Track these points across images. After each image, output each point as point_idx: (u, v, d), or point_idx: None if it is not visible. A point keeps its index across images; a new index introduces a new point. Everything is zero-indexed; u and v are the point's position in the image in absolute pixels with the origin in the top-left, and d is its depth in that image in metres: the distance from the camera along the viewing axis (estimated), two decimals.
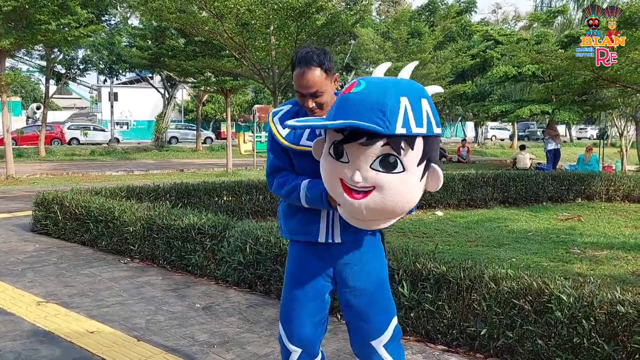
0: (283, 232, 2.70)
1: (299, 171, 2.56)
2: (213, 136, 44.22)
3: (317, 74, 2.42)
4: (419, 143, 2.15)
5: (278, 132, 2.54)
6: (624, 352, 3.21)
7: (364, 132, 2.07)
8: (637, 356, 3.15)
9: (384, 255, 2.68)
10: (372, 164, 2.12)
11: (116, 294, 5.15)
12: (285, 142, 2.52)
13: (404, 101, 2.13)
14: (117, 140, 38.36)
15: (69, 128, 38.82)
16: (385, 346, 2.56)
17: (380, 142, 2.09)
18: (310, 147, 2.45)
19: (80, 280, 5.56)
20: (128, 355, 3.75)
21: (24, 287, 5.30)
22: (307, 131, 2.50)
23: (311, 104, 2.46)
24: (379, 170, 2.13)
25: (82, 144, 36.56)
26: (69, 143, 36.27)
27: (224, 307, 4.80)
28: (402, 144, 2.10)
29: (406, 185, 2.17)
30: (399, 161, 2.12)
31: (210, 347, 3.93)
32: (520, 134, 50.47)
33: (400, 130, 2.08)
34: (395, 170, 2.13)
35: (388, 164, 2.12)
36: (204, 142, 38.42)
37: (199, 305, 4.84)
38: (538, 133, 49.24)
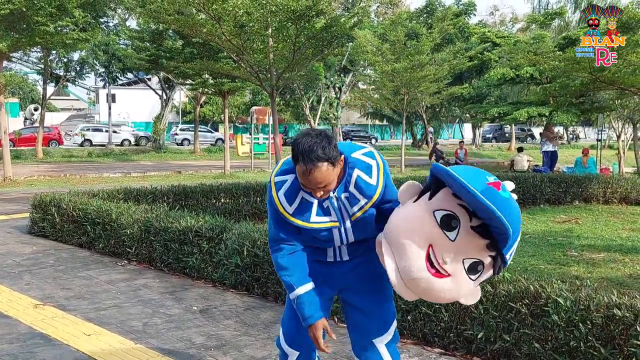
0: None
1: (305, 239, 2.52)
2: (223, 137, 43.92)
3: (323, 169, 2.26)
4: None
5: (285, 209, 2.41)
6: (621, 356, 3.22)
7: (489, 234, 2.14)
8: (633, 359, 3.15)
9: None
10: (465, 259, 2.17)
11: (113, 296, 5.15)
12: (295, 220, 2.42)
13: (518, 238, 2.30)
14: (129, 142, 38.48)
15: (81, 130, 38.96)
16: (386, 345, 2.61)
17: (491, 253, 2.20)
18: (321, 223, 2.41)
19: (78, 283, 5.56)
20: (125, 358, 3.74)
21: (21, 290, 5.29)
22: (315, 207, 2.41)
23: (319, 193, 2.36)
24: (464, 268, 2.19)
25: (95, 145, 36.64)
26: (81, 145, 36.46)
27: (221, 310, 4.80)
28: (498, 267, 2.24)
29: (466, 289, 2.27)
30: (480, 274, 2.24)
31: (207, 350, 3.93)
32: (488, 135, 50.27)
33: (508, 257, 2.25)
34: (472, 276, 2.23)
35: (475, 269, 2.22)
36: (214, 144, 38.37)
37: (196, 308, 4.84)
38: (507, 135, 48.98)
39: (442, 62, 24.18)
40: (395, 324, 2.66)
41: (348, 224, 2.47)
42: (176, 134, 41.88)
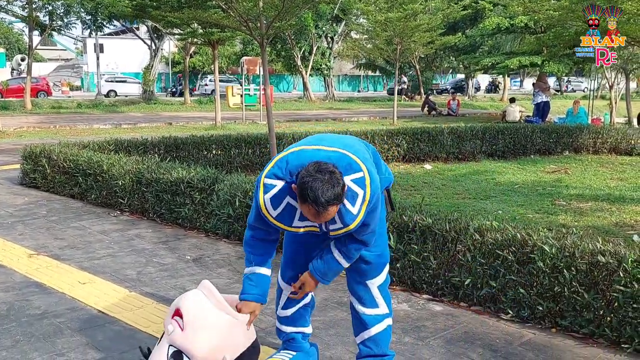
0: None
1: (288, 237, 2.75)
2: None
3: (333, 211, 2.29)
4: None
5: (268, 213, 2.43)
6: (603, 300, 3.31)
7: None
8: (615, 304, 3.25)
9: (389, 204, 2.86)
10: None
11: (107, 246, 5.20)
12: (277, 223, 2.46)
13: None
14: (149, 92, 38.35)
15: (106, 81, 38.76)
16: (379, 287, 2.75)
17: None
18: (301, 227, 2.48)
19: (71, 233, 5.60)
20: (119, 305, 3.82)
21: (15, 240, 5.34)
22: (299, 213, 2.42)
23: (322, 224, 2.45)
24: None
25: (119, 95, 37.05)
26: (107, 95, 36.72)
27: (214, 259, 4.87)
28: None
29: None
30: None
31: None
32: (448, 86, 49.20)
33: None
34: None
35: None
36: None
37: (189, 257, 4.91)
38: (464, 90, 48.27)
39: (435, 11, 23.87)
40: (387, 267, 2.79)
41: (327, 236, 2.56)
42: (206, 85, 41.19)
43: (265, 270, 2.65)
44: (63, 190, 7.34)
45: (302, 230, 2.50)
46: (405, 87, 40.26)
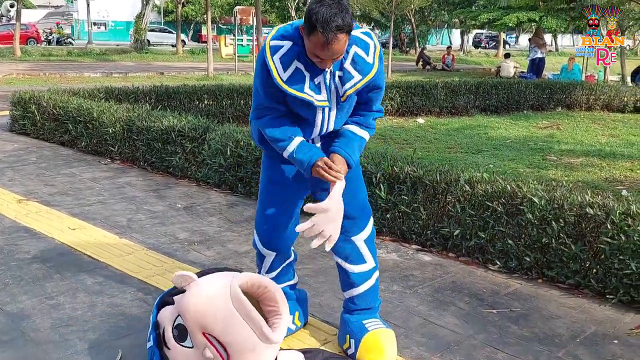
0: (259, 144, 2.65)
1: (290, 111, 2.45)
2: (186, 39, 42.54)
3: (343, 40, 2.18)
4: None
5: (279, 75, 2.29)
6: (590, 252, 3.35)
7: None
8: (602, 256, 3.28)
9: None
10: None
11: (97, 193, 5.19)
12: (287, 88, 2.30)
13: None
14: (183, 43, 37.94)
15: (150, 30, 38.26)
16: (365, 241, 2.66)
17: None
18: (312, 96, 2.33)
19: (61, 180, 5.58)
20: (109, 250, 3.83)
21: (4, 186, 5.31)
22: (308, 81, 2.33)
23: (329, 64, 2.28)
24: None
25: (152, 44, 36.71)
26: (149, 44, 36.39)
27: (205, 208, 4.87)
28: None
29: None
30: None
31: (191, 244, 4.02)
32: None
33: None
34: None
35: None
36: (174, 46, 37.66)
37: (179, 206, 4.91)
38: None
39: None
40: (372, 220, 2.70)
41: (334, 108, 2.43)
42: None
43: (301, 137, 2.43)
44: (53, 137, 7.28)
45: (312, 99, 2.33)
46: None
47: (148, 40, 38.20)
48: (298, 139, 2.41)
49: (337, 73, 2.36)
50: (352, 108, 2.52)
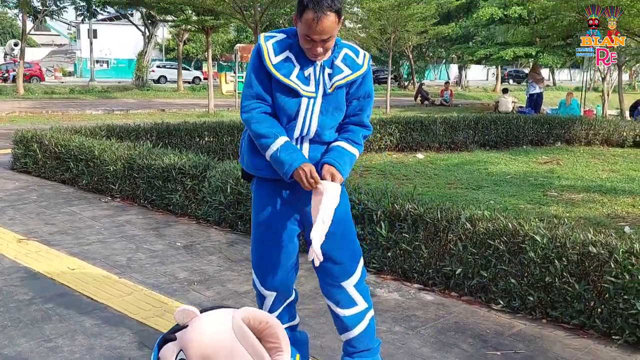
0: (245, 165, 2.61)
1: (275, 106, 2.47)
2: (201, 75, 43.33)
3: (332, 19, 2.29)
4: None
5: (269, 57, 2.39)
6: (594, 291, 3.32)
7: None
8: (606, 295, 3.25)
9: (347, 198, 2.65)
10: None
11: (97, 232, 5.17)
12: (275, 72, 2.39)
13: None
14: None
15: (157, 66, 40.29)
16: (355, 286, 2.62)
17: None
18: (298, 85, 2.40)
19: (61, 219, 5.56)
20: (109, 291, 3.79)
21: (5, 225, 5.29)
22: (297, 70, 2.41)
23: (320, 49, 2.35)
24: None
25: (169, 81, 38.39)
26: (157, 81, 38.44)
27: (205, 246, 4.85)
28: None
29: None
30: None
31: (191, 284, 3.99)
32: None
33: None
34: None
35: None
36: (192, 82, 38.35)
37: (179, 244, 4.88)
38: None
39: (429, 0, 23.80)
40: (361, 261, 2.65)
41: (319, 101, 2.46)
42: (153, 71, 41.50)
43: (285, 138, 2.43)
44: (54, 176, 7.29)
45: (298, 88, 2.40)
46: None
47: (165, 77, 39.18)
48: (283, 138, 2.41)
49: (327, 70, 2.45)
50: (339, 113, 2.53)
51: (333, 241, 2.51)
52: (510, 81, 49.30)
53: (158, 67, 42.12)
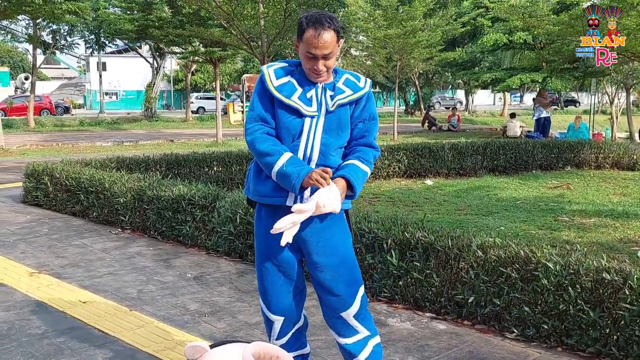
0: (249, 192, 2.65)
1: (279, 127, 2.54)
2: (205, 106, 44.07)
3: (332, 34, 2.43)
4: None
5: (270, 81, 2.52)
6: (609, 319, 3.28)
7: None
8: (622, 322, 3.21)
9: (349, 229, 2.67)
10: None
11: (108, 264, 5.17)
12: (277, 93, 2.50)
13: None
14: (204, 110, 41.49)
15: (196, 98, 41.79)
16: (355, 317, 2.61)
17: None
18: (300, 105, 2.49)
19: (72, 251, 5.58)
20: (120, 324, 3.78)
21: (16, 258, 5.31)
22: (299, 92, 2.51)
23: (321, 66, 2.46)
24: None
25: (208, 111, 39.93)
26: (196, 112, 39.84)
27: (215, 277, 4.84)
28: None
29: None
30: None
31: (202, 316, 3.97)
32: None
33: None
34: None
35: None
36: (196, 112, 39.14)
37: (190, 275, 4.88)
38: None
39: (434, 28, 23.97)
40: (361, 291, 2.63)
41: (322, 120, 2.52)
42: (192, 102, 41.98)
43: (289, 154, 2.47)
44: (65, 208, 7.33)
45: (299, 108, 2.49)
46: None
47: (203, 108, 40.45)
48: (288, 154, 2.46)
49: (329, 92, 2.54)
50: (343, 134, 2.58)
51: (331, 273, 2.56)
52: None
53: (197, 98, 43.66)
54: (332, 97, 2.54)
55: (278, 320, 2.70)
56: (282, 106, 2.51)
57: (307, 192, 2.47)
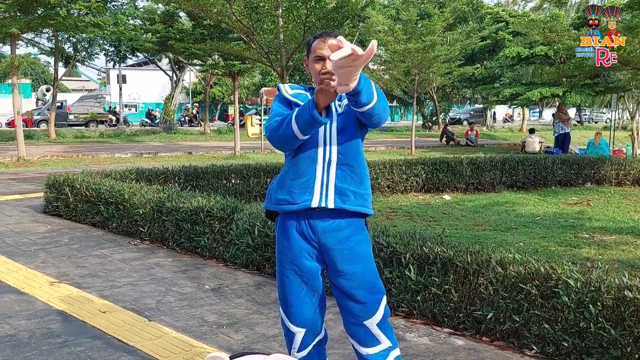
0: (271, 204, 2.67)
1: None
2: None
3: (337, 40, 2.49)
4: None
5: (287, 91, 2.69)
6: (631, 337, 3.24)
7: None
8: None
9: (368, 237, 2.68)
10: None
11: (127, 274, 5.21)
12: (293, 99, 2.66)
13: None
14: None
15: (254, 114, 41.30)
16: (378, 325, 2.62)
17: None
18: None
19: (92, 261, 5.63)
20: (139, 334, 3.81)
21: (37, 268, 5.37)
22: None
23: (330, 66, 2.49)
24: None
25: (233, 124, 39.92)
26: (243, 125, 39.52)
27: (233, 289, 4.85)
28: None
29: None
30: None
31: (220, 327, 3.99)
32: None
33: None
34: None
35: None
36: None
37: (208, 287, 4.90)
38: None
39: (454, 42, 23.99)
40: (384, 300, 2.64)
41: (335, 122, 2.59)
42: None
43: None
44: (85, 219, 7.41)
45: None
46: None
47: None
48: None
49: (337, 102, 2.64)
50: (357, 132, 2.64)
51: (355, 280, 2.57)
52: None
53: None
54: (339, 99, 2.64)
55: (300, 332, 2.69)
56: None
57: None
